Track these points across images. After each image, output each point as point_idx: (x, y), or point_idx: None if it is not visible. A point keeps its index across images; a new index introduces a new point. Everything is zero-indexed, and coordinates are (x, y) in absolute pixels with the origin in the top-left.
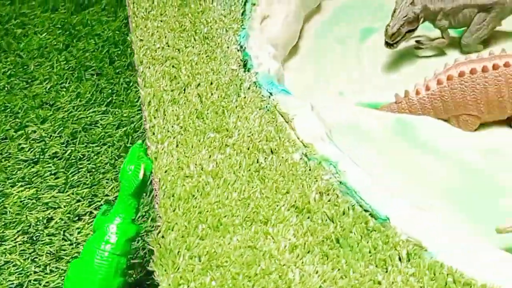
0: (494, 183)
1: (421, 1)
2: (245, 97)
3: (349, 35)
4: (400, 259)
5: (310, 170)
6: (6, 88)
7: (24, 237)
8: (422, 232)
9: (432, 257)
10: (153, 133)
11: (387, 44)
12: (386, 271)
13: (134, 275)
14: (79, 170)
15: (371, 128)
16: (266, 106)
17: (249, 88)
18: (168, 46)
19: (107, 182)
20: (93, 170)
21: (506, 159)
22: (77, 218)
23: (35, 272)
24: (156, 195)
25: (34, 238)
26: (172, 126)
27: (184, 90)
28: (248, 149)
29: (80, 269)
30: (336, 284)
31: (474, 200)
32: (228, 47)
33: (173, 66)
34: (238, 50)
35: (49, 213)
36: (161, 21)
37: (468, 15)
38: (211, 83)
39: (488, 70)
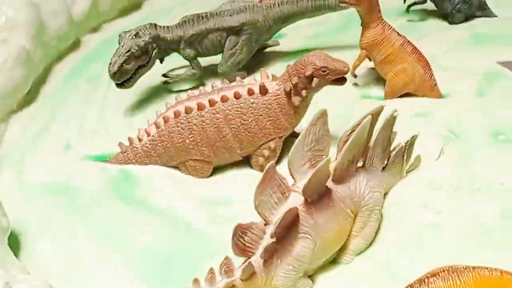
0: (204, 240)
1: (149, 32)
2: None
3: (103, 74)
4: None
5: None
6: None
7: None
8: None
9: None
10: None
11: (117, 85)
12: None
13: None
14: None
15: (88, 186)
16: None
17: None
18: None
19: None
20: None
21: (228, 211)
22: None
23: None
24: None
25: None
26: None
27: None
28: None
29: None
30: None
31: (179, 263)
32: None
33: None
34: None
35: None
36: None
37: (216, 40)
38: None
39: (204, 107)
